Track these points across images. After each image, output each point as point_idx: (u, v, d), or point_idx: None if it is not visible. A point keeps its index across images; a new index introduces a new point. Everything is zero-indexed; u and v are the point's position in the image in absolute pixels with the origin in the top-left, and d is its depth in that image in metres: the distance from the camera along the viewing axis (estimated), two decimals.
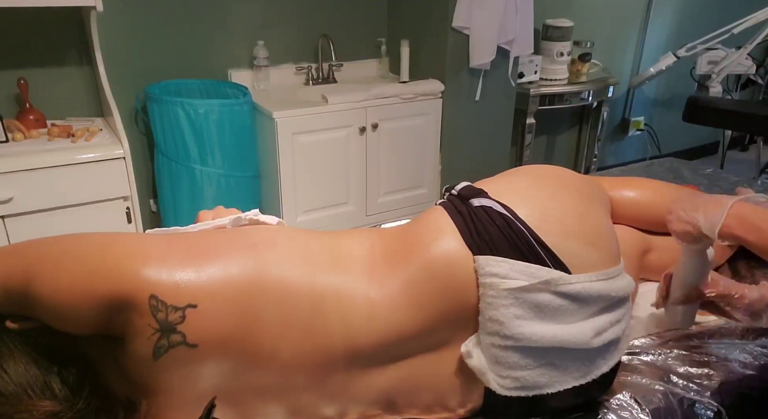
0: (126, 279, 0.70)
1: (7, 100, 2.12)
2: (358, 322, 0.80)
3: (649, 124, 3.87)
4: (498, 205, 0.87)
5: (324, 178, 2.49)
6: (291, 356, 0.77)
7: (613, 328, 0.87)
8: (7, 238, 1.85)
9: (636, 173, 1.89)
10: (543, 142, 3.55)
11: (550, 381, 0.84)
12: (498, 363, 0.82)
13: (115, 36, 2.24)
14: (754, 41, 2.97)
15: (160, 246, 0.75)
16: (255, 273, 0.76)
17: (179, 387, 0.74)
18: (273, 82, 2.63)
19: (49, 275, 0.69)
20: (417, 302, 0.82)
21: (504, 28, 2.50)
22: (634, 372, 1.03)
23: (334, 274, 0.82)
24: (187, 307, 0.71)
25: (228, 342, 0.74)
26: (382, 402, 0.87)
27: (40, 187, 1.85)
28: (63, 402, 0.68)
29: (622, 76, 3.61)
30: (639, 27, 3.58)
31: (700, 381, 1.01)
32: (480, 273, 0.81)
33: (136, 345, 0.71)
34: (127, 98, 2.33)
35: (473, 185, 0.97)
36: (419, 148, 2.68)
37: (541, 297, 0.81)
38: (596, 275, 0.84)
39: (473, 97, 2.67)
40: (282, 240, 0.84)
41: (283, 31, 2.63)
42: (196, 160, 2.22)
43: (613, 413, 0.93)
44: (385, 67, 2.92)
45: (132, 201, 2.03)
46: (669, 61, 3.14)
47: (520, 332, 0.80)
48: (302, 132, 2.35)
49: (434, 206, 0.95)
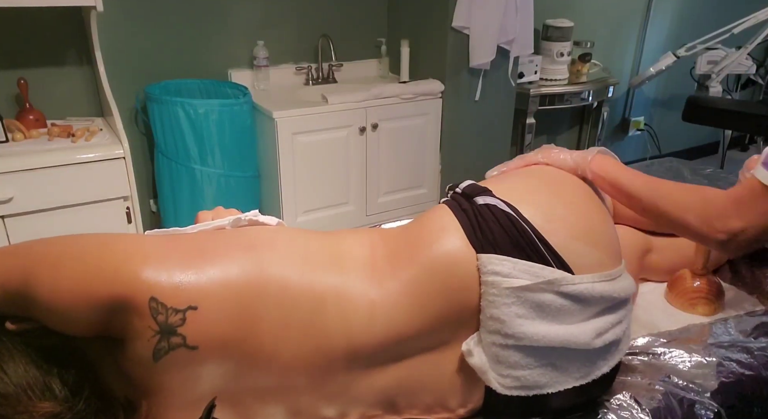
0: (125, 281, 0.69)
1: (7, 100, 2.12)
2: (358, 323, 0.80)
3: (649, 124, 3.87)
4: (503, 203, 0.87)
5: (324, 178, 2.49)
6: (291, 356, 0.77)
7: (615, 329, 0.87)
8: (7, 238, 1.85)
9: None
10: (543, 142, 3.55)
11: (550, 380, 0.84)
12: (499, 362, 0.82)
13: (115, 36, 2.24)
14: (754, 41, 2.97)
15: (160, 248, 0.75)
16: (255, 274, 0.76)
17: (179, 388, 0.74)
18: (273, 82, 2.63)
19: (48, 276, 0.69)
20: (418, 302, 0.81)
21: (504, 28, 2.50)
22: (634, 372, 1.03)
23: (335, 274, 0.82)
24: (188, 309, 0.71)
25: (228, 344, 0.73)
26: (382, 402, 0.87)
27: (40, 187, 1.85)
28: (63, 403, 0.68)
29: (622, 76, 3.61)
30: (639, 27, 3.58)
31: (700, 381, 1.01)
32: (482, 271, 0.81)
33: (136, 347, 0.70)
34: (127, 98, 2.33)
35: (477, 184, 0.96)
36: (419, 147, 2.68)
37: (544, 296, 0.80)
38: (599, 276, 0.84)
39: (473, 97, 2.67)
40: (282, 241, 0.84)
41: (283, 31, 2.63)
42: (196, 160, 2.22)
43: (613, 413, 0.93)
44: (385, 67, 2.92)
45: (132, 201, 2.03)
46: (669, 61, 3.14)
47: (522, 331, 0.80)
48: (302, 132, 2.35)
49: (438, 204, 0.94)
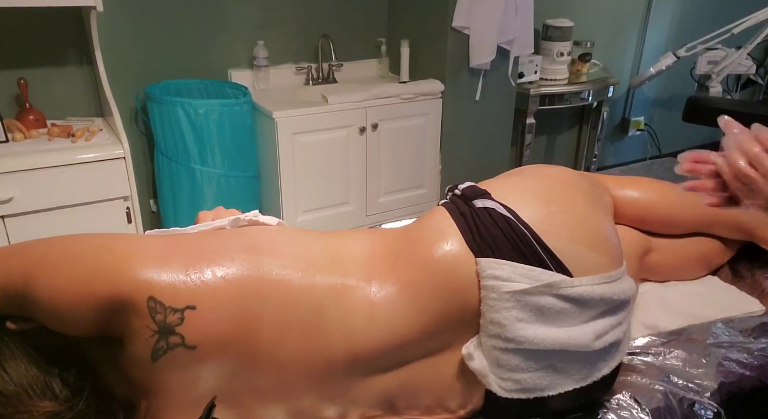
0: (124, 280, 0.69)
1: (7, 100, 2.12)
2: (358, 324, 0.80)
3: (649, 124, 3.87)
4: (501, 206, 0.87)
5: (324, 178, 2.49)
6: (290, 357, 0.77)
7: (615, 331, 0.86)
8: (7, 238, 1.85)
9: (636, 173, 1.88)
10: (543, 142, 3.55)
11: (550, 383, 0.84)
12: (499, 366, 0.82)
13: (115, 36, 2.24)
14: (754, 41, 2.97)
15: (159, 248, 0.75)
16: (254, 274, 0.76)
17: (179, 388, 0.74)
18: (273, 82, 2.63)
19: (48, 276, 0.69)
20: (418, 304, 0.81)
21: (504, 28, 2.50)
22: (634, 372, 1.03)
23: (335, 275, 0.81)
24: (186, 309, 0.71)
25: (227, 344, 0.73)
26: (382, 404, 0.87)
27: (40, 187, 1.85)
28: (63, 402, 0.68)
29: (622, 76, 3.61)
30: (639, 27, 3.58)
31: (700, 381, 1.01)
32: (482, 275, 0.81)
33: (135, 346, 0.70)
34: (127, 98, 2.33)
35: (477, 185, 0.96)
36: (419, 148, 2.68)
37: (543, 300, 0.80)
38: (599, 278, 0.84)
39: (473, 97, 2.67)
40: (282, 241, 0.84)
41: (283, 31, 2.63)
42: (196, 160, 2.22)
43: (613, 413, 0.93)
44: (385, 67, 2.91)
45: (132, 201, 2.03)
46: (669, 61, 3.14)
47: (522, 335, 0.80)
48: (302, 132, 2.35)
49: (437, 207, 0.94)
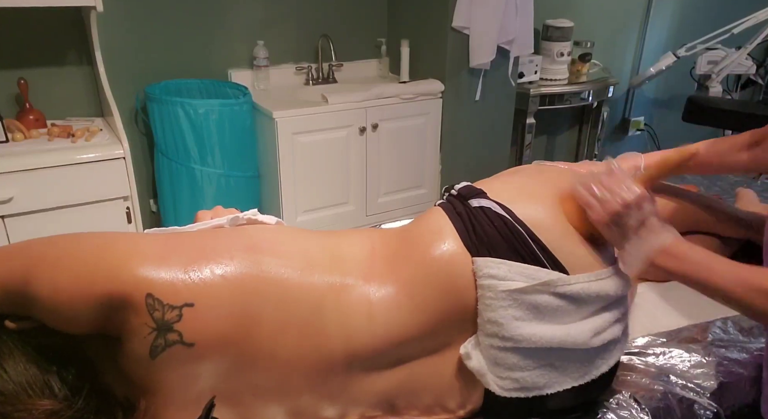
0: (123, 278, 0.69)
1: (7, 100, 2.12)
2: (357, 323, 0.80)
3: (649, 124, 3.87)
4: (496, 205, 0.87)
5: (324, 178, 2.49)
6: (289, 356, 0.77)
7: (612, 328, 0.87)
8: (7, 238, 1.85)
9: None
10: (543, 142, 3.55)
11: (549, 381, 0.84)
12: (497, 365, 0.82)
13: (115, 36, 2.24)
14: (754, 41, 2.97)
15: (158, 246, 0.75)
16: (253, 272, 0.76)
17: (178, 386, 0.74)
18: (273, 82, 2.63)
19: (47, 275, 0.69)
20: (416, 303, 0.82)
21: (504, 28, 2.50)
22: (634, 372, 1.03)
23: (334, 275, 0.82)
24: (184, 306, 0.71)
25: (226, 342, 0.73)
26: (382, 403, 0.87)
27: (40, 187, 1.85)
28: (62, 401, 0.68)
29: (622, 76, 3.61)
30: (639, 27, 3.58)
31: (699, 381, 1.01)
32: (478, 274, 0.81)
33: (134, 344, 0.71)
34: (127, 98, 2.33)
35: (473, 185, 0.96)
36: (419, 148, 2.68)
37: (540, 298, 0.81)
38: (594, 275, 0.84)
39: (473, 97, 2.67)
40: (281, 240, 0.84)
41: (283, 31, 2.63)
42: (196, 160, 2.22)
43: (612, 412, 0.93)
44: (385, 67, 2.92)
45: (132, 201, 2.03)
46: (669, 61, 3.14)
47: (519, 333, 0.80)
48: (302, 132, 2.35)
49: (433, 207, 0.95)
